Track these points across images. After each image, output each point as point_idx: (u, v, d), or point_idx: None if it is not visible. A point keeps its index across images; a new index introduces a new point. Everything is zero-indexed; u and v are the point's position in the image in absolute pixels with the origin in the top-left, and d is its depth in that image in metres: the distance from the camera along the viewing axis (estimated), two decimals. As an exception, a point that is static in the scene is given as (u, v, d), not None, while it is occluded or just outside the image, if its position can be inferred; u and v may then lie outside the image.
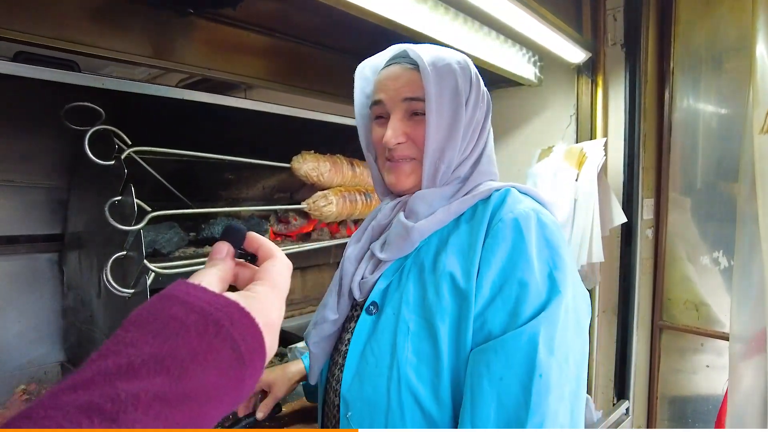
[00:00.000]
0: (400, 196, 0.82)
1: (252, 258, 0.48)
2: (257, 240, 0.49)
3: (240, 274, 0.47)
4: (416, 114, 0.76)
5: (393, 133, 0.76)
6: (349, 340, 0.76)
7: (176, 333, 0.34)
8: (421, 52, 0.75)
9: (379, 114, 0.80)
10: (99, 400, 0.29)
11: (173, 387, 0.32)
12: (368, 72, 0.85)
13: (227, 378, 0.35)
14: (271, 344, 0.40)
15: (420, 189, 0.78)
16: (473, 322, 0.66)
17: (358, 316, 0.77)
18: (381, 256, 0.76)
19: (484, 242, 0.69)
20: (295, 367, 1.06)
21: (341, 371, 0.74)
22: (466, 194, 0.77)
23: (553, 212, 0.75)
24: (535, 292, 0.64)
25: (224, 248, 0.46)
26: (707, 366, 1.87)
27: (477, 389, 0.63)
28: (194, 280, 0.41)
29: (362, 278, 0.78)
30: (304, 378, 1.05)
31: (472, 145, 0.79)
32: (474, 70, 0.80)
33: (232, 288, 0.46)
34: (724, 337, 1.69)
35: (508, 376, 0.61)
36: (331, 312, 0.79)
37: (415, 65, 0.75)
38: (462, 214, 0.76)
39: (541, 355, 0.61)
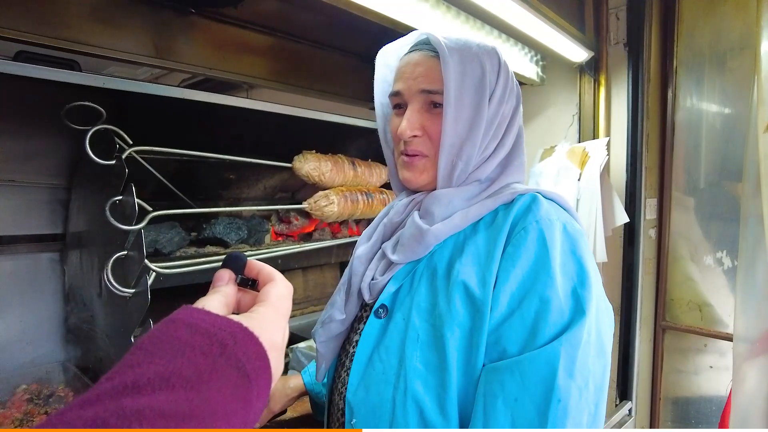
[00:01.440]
0: (415, 192, 0.78)
1: (253, 283, 0.50)
2: (257, 265, 0.50)
3: (242, 300, 0.49)
4: (435, 106, 0.72)
5: (408, 124, 0.71)
6: (356, 342, 0.74)
7: (182, 353, 0.35)
8: (443, 38, 0.70)
9: (398, 104, 0.76)
10: (104, 415, 0.30)
11: (178, 405, 0.32)
12: (390, 58, 0.80)
13: (233, 397, 0.36)
14: (277, 364, 0.41)
15: (436, 186, 0.74)
16: (487, 336, 0.62)
17: (367, 317, 0.74)
18: (393, 258, 0.72)
19: (503, 251, 0.65)
20: (295, 382, 1.02)
21: (347, 374, 0.72)
22: (488, 197, 0.73)
23: (578, 221, 0.72)
24: (557, 310, 0.60)
25: (226, 275, 0.48)
26: (711, 367, 1.86)
27: (491, 409, 0.59)
28: (198, 305, 0.42)
29: (372, 279, 0.74)
30: (304, 394, 1.01)
31: (495, 142, 0.74)
32: (503, 60, 0.75)
33: (235, 314, 0.47)
34: (728, 338, 1.68)
35: (523, 399, 0.58)
36: (338, 312, 0.76)
37: (438, 53, 0.70)
38: (481, 219, 0.71)
39: (561, 380, 0.57)
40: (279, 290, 0.48)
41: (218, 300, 0.45)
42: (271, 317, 0.44)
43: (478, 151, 0.72)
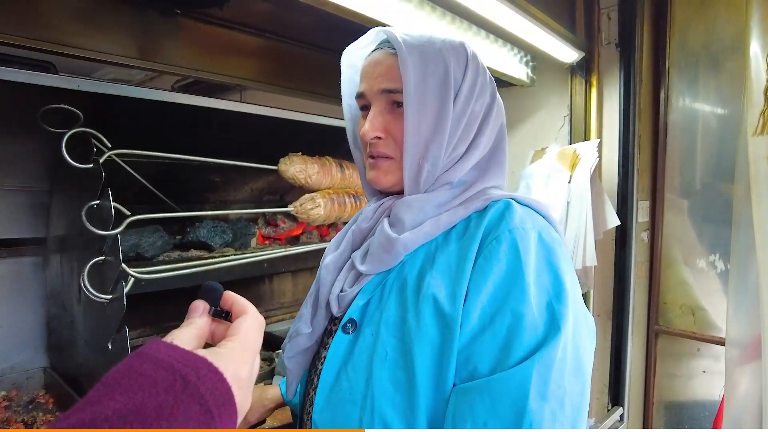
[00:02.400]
0: (384, 196, 0.75)
1: (227, 315, 0.50)
2: (231, 297, 0.50)
3: (216, 332, 0.49)
4: (398, 106, 0.68)
5: (370, 126, 0.68)
6: (325, 358, 0.69)
7: (144, 389, 0.35)
8: (404, 35, 0.67)
9: (363, 105, 0.73)
10: None
11: None
12: (355, 58, 0.77)
13: None
14: (242, 399, 0.41)
15: (403, 189, 0.71)
16: (458, 354, 0.59)
17: (336, 332, 0.70)
18: (361, 268, 0.68)
19: (475, 263, 0.61)
20: (273, 392, 0.98)
21: (315, 392, 0.68)
22: (460, 204, 0.69)
23: (558, 228, 0.68)
24: (531, 326, 0.57)
25: (200, 306, 0.48)
26: (704, 371, 1.84)
27: None
28: (169, 338, 0.42)
29: (341, 291, 0.70)
30: (281, 405, 0.98)
31: (466, 143, 0.70)
32: (472, 54, 0.71)
33: (208, 345, 0.47)
34: (722, 342, 1.66)
35: (493, 423, 0.55)
36: (305, 325, 0.72)
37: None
38: (453, 227, 0.67)
39: (532, 403, 0.54)
40: (249, 324, 0.47)
41: (190, 333, 0.45)
42: (238, 352, 0.44)
43: (446, 152, 0.68)
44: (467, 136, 0.70)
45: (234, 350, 0.43)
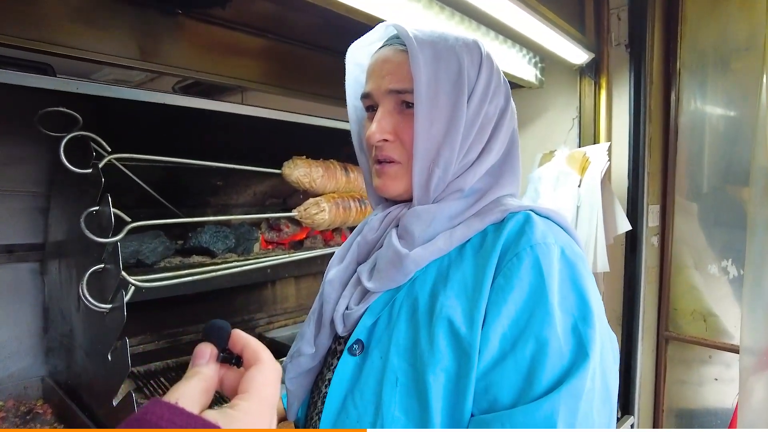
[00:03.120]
0: (394, 203, 0.70)
1: (237, 360, 0.43)
2: (242, 340, 0.43)
3: (225, 379, 0.43)
4: (408, 106, 0.64)
5: (378, 127, 0.64)
6: (330, 381, 0.65)
7: None
8: (415, 31, 0.63)
9: (369, 106, 0.68)
10: None
11: None
12: (361, 56, 0.72)
13: None
14: None
15: (412, 197, 0.66)
16: (476, 382, 0.54)
17: (341, 352, 0.65)
18: (368, 285, 0.63)
19: (493, 281, 0.56)
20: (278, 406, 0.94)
21: (319, 417, 0.64)
22: (474, 216, 0.64)
23: (578, 241, 0.64)
24: (556, 353, 0.52)
25: (207, 351, 0.42)
26: (716, 379, 1.80)
27: None
28: (173, 395, 0.37)
29: (347, 309, 0.65)
30: (284, 419, 0.92)
31: (479, 147, 0.65)
32: (486, 53, 0.66)
33: (218, 394, 0.42)
34: (734, 350, 1.62)
35: None
36: (308, 345, 0.68)
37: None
38: (468, 241, 0.62)
39: None
40: (265, 376, 0.41)
41: (196, 387, 0.39)
42: (254, 413, 0.38)
43: (458, 156, 0.64)
44: (480, 140, 0.65)
45: (249, 412, 0.37)
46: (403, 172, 0.66)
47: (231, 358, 0.43)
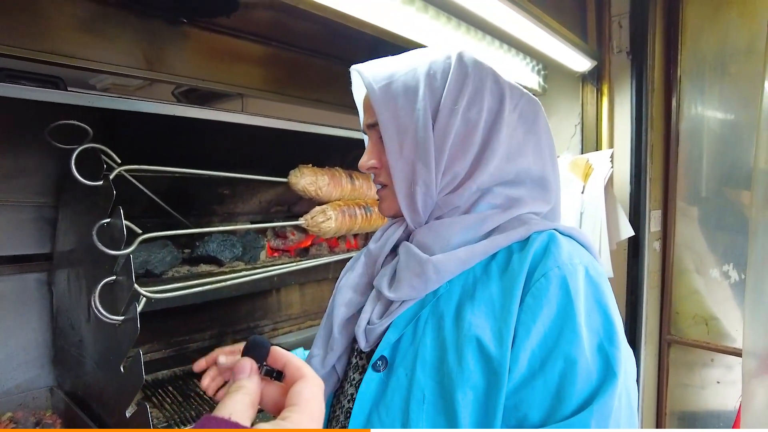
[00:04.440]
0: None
1: (279, 375, 0.45)
2: (283, 356, 0.45)
3: (265, 392, 0.44)
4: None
5: (365, 157, 0.71)
6: (353, 395, 0.65)
7: None
8: (371, 71, 0.67)
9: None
10: None
11: None
12: (358, 97, 0.78)
13: None
14: None
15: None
16: (505, 400, 0.55)
17: (363, 367, 0.66)
18: (390, 295, 0.63)
19: (521, 301, 0.57)
20: None
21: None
22: (499, 233, 0.63)
23: (598, 258, 0.64)
24: (585, 372, 0.53)
25: (248, 366, 0.43)
26: (718, 382, 1.82)
27: None
28: (225, 410, 0.38)
29: (369, 323, 0.65)
30: None
31: (466, 157, 0.64)
32: (456, 63, 0.65)
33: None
34: (735, 353, 1.64)
35: None
36: (317, 348, 0.71)
37: None
38: (493, 259, 0.62)
39: None
40: (312, 390, 0.42)
41: (244, 402, 0.40)
42: (306, 425, 0.39)
43: (438, 171, 0.64)
44: (465, 150, 0.64)
45: (301, 424, 0.38)
46: (391, 194, 0.69)
47: (272, 372, 0.45)
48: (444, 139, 0.63)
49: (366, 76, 0.67)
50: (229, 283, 1.20)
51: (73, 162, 0.95)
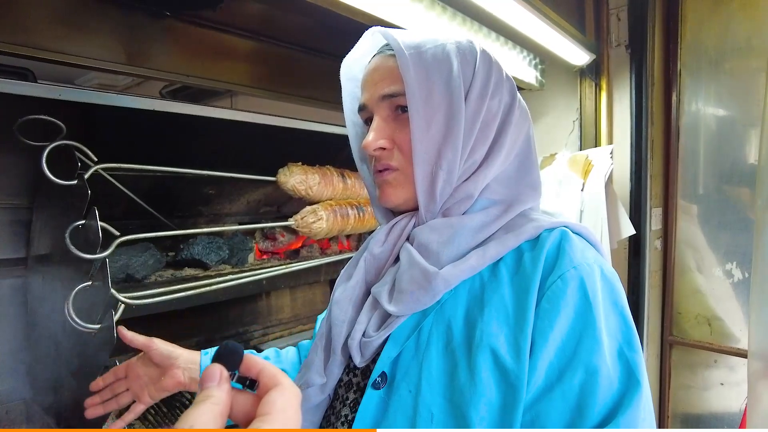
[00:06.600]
0: (401, 214, 0.65)
1: (252, 384, 0.40)
2: (257, 364, 0.40)
3: (236, 402, 0.39)
4: (403, 110, 0.61)
5: (374, 135, 0.61)
6: (347, 417, 0.59)
7: None
8: (399, 35, 0.60)
9: (367, 118, 0.66)
10: None
11: None
12: (355, 70, 0.70)
13: None
14: None
15: (417, 206, 0.61)
16: (522, 414, 0.50)
17: (358, 385, 0.60)
18: (390, 308, 0.57)
19: (537, 306, 0.52)
20: None
21: None
22: (507, 231, 0.59)
23: (604, 255, 0.60)
24: (606, 381, 0.49)
25: (217, 373, 0.38)
26: (721, 383, 1.78)
27: None
28: (186, 423, 0.34)
29: (364, 336, 0.59)
30: None
31: (485, 146, 0.61)
32: (481, 50, 0.63)
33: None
34: (739, 354, 1.60)
35: None
36: (317, 375, 0.62)
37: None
38: (501, 260, 0.57)
39: None
40: (287, 398, 0.38)
41: (212, 412, 0.35)
42: None
43: (462, 156, 0.59)
44: (485, 138, 0.61)
45: None
46: (403, 178, 0.62)
47: (245, 381, 0.40)
48: (473, 122, 0.60)
49: (395, 39, 0.59)
50: (215, 287, 1.14)
51: (44, 159, 0.89)
